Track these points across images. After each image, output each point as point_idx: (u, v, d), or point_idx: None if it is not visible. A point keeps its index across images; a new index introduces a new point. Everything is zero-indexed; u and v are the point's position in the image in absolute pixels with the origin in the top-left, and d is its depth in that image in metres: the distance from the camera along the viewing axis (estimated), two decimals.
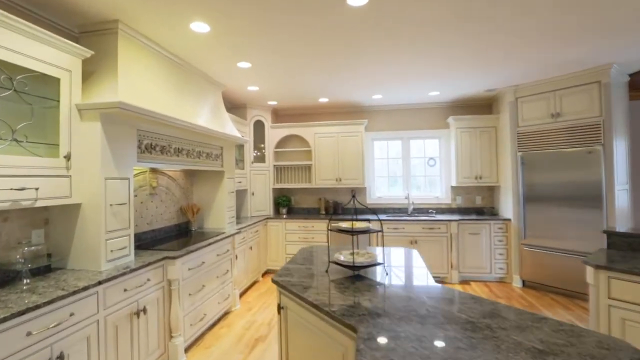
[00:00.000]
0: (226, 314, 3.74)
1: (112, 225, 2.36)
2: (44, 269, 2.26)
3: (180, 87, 3.27)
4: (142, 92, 2.62)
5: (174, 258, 2.66)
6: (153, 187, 3.45)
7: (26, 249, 2.08)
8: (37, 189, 1.96)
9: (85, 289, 1.92)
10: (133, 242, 2.56)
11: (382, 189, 5.67)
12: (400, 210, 5.45)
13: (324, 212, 5.57)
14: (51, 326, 1.71)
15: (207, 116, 3.60)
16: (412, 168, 5.56)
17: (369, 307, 1.53)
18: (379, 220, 2.07)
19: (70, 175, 2.20)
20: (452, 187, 5.35)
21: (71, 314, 1.85)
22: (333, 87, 4.39)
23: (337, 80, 4.09)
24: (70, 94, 2.21)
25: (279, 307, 1.97)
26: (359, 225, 2.11)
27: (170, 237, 3.54)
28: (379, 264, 2.01)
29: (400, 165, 5.59)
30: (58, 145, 2.15)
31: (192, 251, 2.90)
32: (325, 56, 3.30)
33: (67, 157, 2.17)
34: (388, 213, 5.45)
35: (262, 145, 5.58)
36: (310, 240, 5.09)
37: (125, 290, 2.26)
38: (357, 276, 2.00)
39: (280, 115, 5.99)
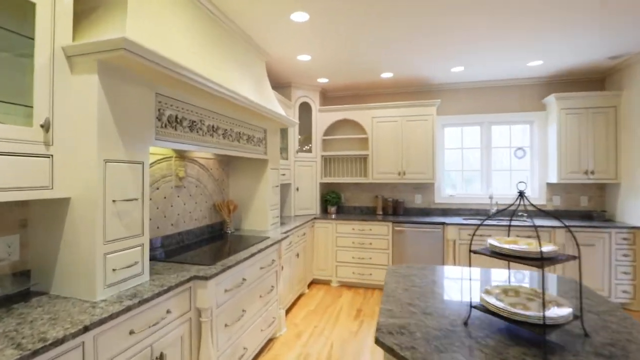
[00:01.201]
0: (270, 341, 2.92)
1: (115, 232, 1.58)
2: (17, 296, 1.51)
3: (218, 50, 2.46)
4: (164, 43, 1.81)
5: (205, 278, 1.85)
6: (180, 178, 2.68)
7: None
8: None
9: (57, 343, 1.13)
10: (148, 255, 1.77)
11: (460, 186, 4.64)
12: (479, 213, 4.40)
13: (381, 213, 4.64)
14: None
15: (250, 89, 2.78)
16: (493, 160, 4.48)
17: None
18: (567, 228, 1.14)
19: (52, 155, 1.43)
20: (547, 184, 4.23)
21: None
22: (404, 56, 3.43)
23: (411, 45, 3.12)
24: (53, 30, 1.43)
25: None
26: (524, 243, 1.18)
27: (201, 242, 2.76)
28: (577, 317, 1.06)
29: (478, 157, 4.53)
30: (31, 107, 1.38)
31: (230, 266, 2.08)
32: (406, 8, 2.36)
33: (46, 127, 1.40)
34: (462, 215, 4.42)
35: (309, 132, 4.72)
36: (367, 246, 4.17)
37: (131, 332, 1.46)
38: (530, 337, 1.07)
39: (328, 97, 5.10)
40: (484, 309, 1.14)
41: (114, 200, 1.56)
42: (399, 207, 4.56)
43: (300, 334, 3.04)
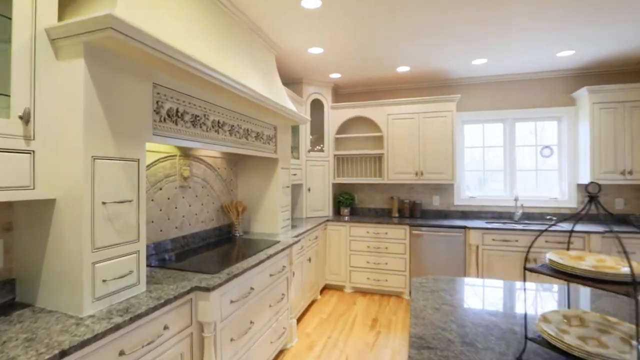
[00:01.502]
0: (281, 352, 2.73)
1: (105, 238, 1.40)
2: None
3: (225, 40, 2.28)
4: (160, 28, 1.64)
5: (207, 290, 1.66)
6: (185, 178, 2.51)
7: None
8: None
9: None
10: (145, 264, 1.59)
11: (473, 187, 4.37)
12: (502, 215, 4.13)
13: (397, 215, 4.40)
14: None
15: (260, 83, 2.59)
16: (517, 160, 4.20)
17: None
18: None
19: (33, 151, 1.26)
20: (578, 185, 3.92)
21: None
22: (423, 47, 3.19)
23: (430, 35, 2.89)
24: (35, 9, 1.26)
25: None
26: (592, 259, 0.95)
27: (208, 245, 2.59)
28: None
29: (501, 156, 4.25)
30: (8, 96, 1.21)
31: (236, 275, 1.89)
32: None
33: (25, 118, 1.23)
34: (485, 219, 4.15)
35: (320, 132, 4.52)
36: (382, 251, 3.94)
37: (121, 353, 1.28)
38: None
39: (341, 94, 4.89)
40: (545, 342, 0.91)
41: (104, 202, 1.38)
42: (416, 209, 4.31)
43: (312, 345, 2.84)
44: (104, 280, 1.38)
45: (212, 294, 1.68)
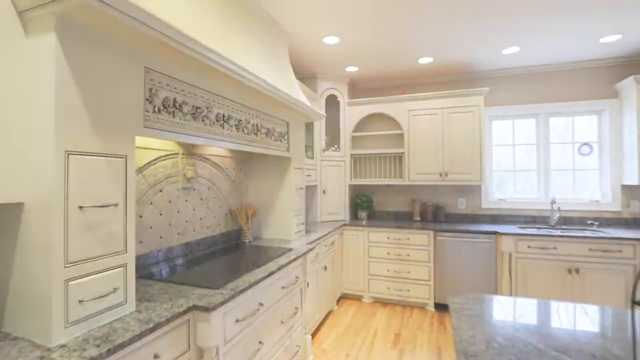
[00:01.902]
0: None
1: (82, 249, 1.16)
2: None
3: (233, 28, 2.04)
4: (157, 8, 1.40)
5: (207, 310, 1.41)
6: (188, 179, 2.28)
7: None
8: None
9: None
10: (133, 279, 1.35)
11: (503, 188, 4.02)
12: (536, 220, 3.76)
13: (419, 219, 4.08)
14: None
15: (271, 74, 2.34)
16: (552, 159, 3.83)
17: None
18: None
19: None
20: (623, 186, 3.53)
21: None
22: (448, 34, 2.89)
23: (457, 22, 2.59)
24: None
25: None
26: None
27: (214, 253, 2.35)
28: None
29: (534, 155, 3.89)
30: None
31: (241, 290, 1.63)
32: None
33: None
34: (517, 223, 3.79)
35: (336, 132, 4.25)
36: (404, 258, 3.63)
37: None
38: None
39: (358, 90, 4.62)
40: None
41: (81, 207, 1.15)
42: (439, 213, 3.99)
43: None
44: (80, 301, 1.15)
45: (212, 315, 1.43)
